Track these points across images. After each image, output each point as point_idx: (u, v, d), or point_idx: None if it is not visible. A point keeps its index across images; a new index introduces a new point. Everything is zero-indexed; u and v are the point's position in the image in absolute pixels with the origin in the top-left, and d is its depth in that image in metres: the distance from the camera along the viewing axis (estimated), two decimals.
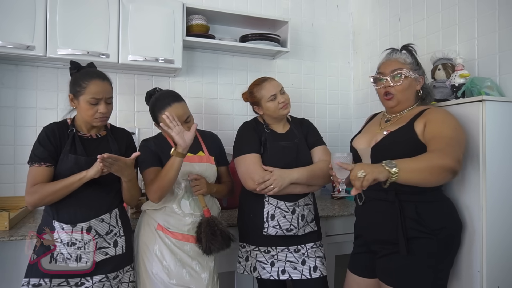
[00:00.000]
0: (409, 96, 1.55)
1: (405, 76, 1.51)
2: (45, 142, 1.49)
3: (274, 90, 1.77)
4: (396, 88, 1.52)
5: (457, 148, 1.32)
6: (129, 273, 1.62)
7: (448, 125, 1.39)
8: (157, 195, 1.58)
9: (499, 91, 1.77)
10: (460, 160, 1.30)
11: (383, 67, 1.58)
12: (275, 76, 1.97)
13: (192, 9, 2.34)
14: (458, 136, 1.37)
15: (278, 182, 1.64)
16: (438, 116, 1.43)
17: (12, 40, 1.90)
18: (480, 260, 1.49)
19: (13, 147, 2.21)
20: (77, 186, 1.44)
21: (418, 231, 1.40)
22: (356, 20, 3.05)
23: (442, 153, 1.28)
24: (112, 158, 1.40)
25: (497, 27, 1.86)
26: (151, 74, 2.48)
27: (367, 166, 1.24)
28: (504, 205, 1.54)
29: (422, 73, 1.58)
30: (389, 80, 1.53)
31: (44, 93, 2.27)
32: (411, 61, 1.56)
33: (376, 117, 1.73)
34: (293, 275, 1.72)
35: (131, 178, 1.53)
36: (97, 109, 1.51)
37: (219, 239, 1.60)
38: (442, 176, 1.28)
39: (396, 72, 1.52)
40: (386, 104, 1.58)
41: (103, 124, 1.58)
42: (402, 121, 1.51)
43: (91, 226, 1.49)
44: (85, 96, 1.50)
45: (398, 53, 1.59)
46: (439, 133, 1.37)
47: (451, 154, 1.28)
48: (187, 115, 1.67)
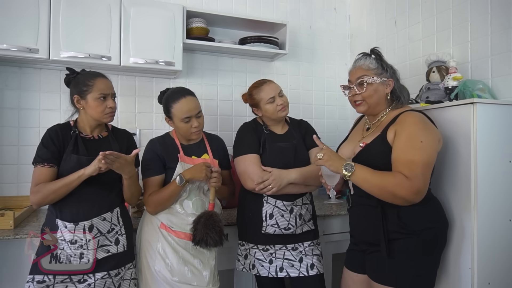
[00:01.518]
0: (378, 100, 1.55)
1: (367, 83, 1.52)
2: (48, 143, 1.54)
3: (273, 93, 1.81)
4: (363, 95, 1.54)
5: (419, 176, 1.34)
6: (131, 271, 1.66)
7: (412, 144, 1.38)
8: (155, 211, 1.69)
9: (491, 93, 1.81)
10: (419, 191, 1.34)
11: (350, 75, 1.60)
12: (274, 78, 2.01)
13: (192, 12, 2.38)
14: (423, 158, 1.36)
15: (276, 182, 1.69)
16: (407, 129, 1.41)
17: (16, 43, 1.94)
18: (471, 258, 1.53)
19: (17, 147, 2.25)
20: (76, 184, 1.48)
21: (399, 233, 1.45)
22: (353, 22, 3.10)
23: (401, 182, 1.33)
24: (113, 155, 1.46)
25: (489, 31, 1.90)
26: (152, 76, 2.53)
27: (330, 156, 1.46)
28: (494, 205, 1.58)
29: (390, 76, 1.55)
30: (355, 88, 1.56)
31: (47, 95, 2.31)
32: (375, 66, 1.54)
33: (360, 123, 1.74)
34: (291, 273, 1.76)
35: (131, 175, 1.58)
36: (106, 104, 1.58)
37: (214, 236, 1.61)
38: (391, 200, 1.39)
39: (359, 80, 1.54)
40: (358, 110, 1.60)
41: (111, 120, 1.63)
42: (378, 130, 1.53)
43: (93, 224, 1.54)
44: (94, 93, 1.56)
45: (362, 59, 1.57)
46: (403, 155, 1.38)
47: (411, 187, 1.33)
48: (198, 109, 1.73)
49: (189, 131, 1.72)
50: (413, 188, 1.33)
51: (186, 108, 1.69)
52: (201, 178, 1.63)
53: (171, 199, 1.66)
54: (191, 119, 1.70)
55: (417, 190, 1.34)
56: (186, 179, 1.62)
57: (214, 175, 1.67)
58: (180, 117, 1.69)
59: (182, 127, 1.71)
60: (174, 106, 1.70)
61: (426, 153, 1.38)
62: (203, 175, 1.63)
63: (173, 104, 1.71)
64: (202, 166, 1.65)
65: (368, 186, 1.41)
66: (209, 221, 1.62)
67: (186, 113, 1.68)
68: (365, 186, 1.41)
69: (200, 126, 1.74)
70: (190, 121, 1.70)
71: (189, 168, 1.67)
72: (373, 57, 1.56)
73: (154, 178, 1.70)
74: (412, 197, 1.35)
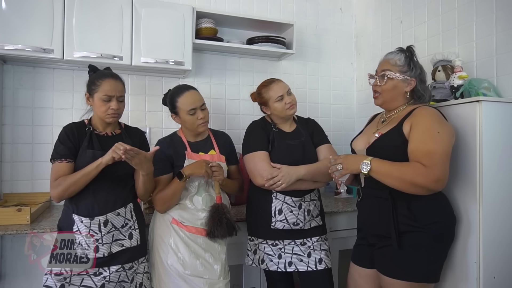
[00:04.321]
0: (395, 96, 1.60)
1: (388, 77, 1.58)
2: (65, 140, 1.59)
3: (281, 91, 1.85)
4: (382, 87, 1.60)
5: (438, 165, 1.36)
6: (144, 264, 1.70)
7: (431, 135, 1.40)
8: (163, 209, 1.74)
9: (496, 92, 1.83)
10: (439, 179, 1.36)
11: (378, 66, 1.66)
12: (281, 77, 2.05)
13: (201, 13, 2.42)
14: (441, 148, 1.38)
15: (286, 178, 1.72)
16: (424, 121, 1.44)
17: (31, 44, 1.99)
18: (477, 252, 1.56)
19: (31, 145, 2.30)
20: (95, 174, 1.53)
21: (409, 226, 1.48)
22: (359, 22, 3.13)
23: (419, 171, 1.36)
24: (133, 151, 1.50)
25: (494, 31, 1.93)
26: (162, 76, 2.58)
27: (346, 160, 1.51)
28: (499, 201, 1.60)
29: (414, 76, 1.58)
30: (377, 80, 1.62)
31: (60, 94, 2.36)
32: (402, 63, 1.58)
33: (376, 118, 1.79)
34: (299, 267, 1.80)
35: (149, 172, 1.61)
36: (109, 105, 1.62)
37: (224, 227, 1.69)
38: (413, 190, 1.41)
39: (382, 72, 1.60)
40: (375, 102, 1.67)
41: (114, 120, 1.68)
42: (394, 122, 1.57)
43: (108, 219, 1.58)
44: (99, 93, 1.61)
45: (393, 54, 1.63)
46: (421, 146, 1.40)
47: (429, 175, 1.35)
48: (202, 102, 1.80)
49: (195, 123, 1.77)
50: (432, 176, 1.35)
51: (191, 100, 1.75)
52: (201, 173, 1.68)
53: (175, 196, 1.70)
54: (196, 111, 1.75)
55: (437, 178, 1.36)
56: (185, 174, 1.67)
57: (214, 169, 1.71)
58: (185, 110, 1.75)
59: (188, 120, 1.76)
60: (179, 100, 1.76)
61: (444, 143, 1.41)
62: (203, 171, 1.67)
63: (177, 99, 1.77)
64: (202, 162, 1.70)
65: (386, 178, 1.43)
66: (216, 214, 1.69)
67: (191, 105, 1.74)
68: (383, 178, 1.44)
69: (206, 117, 1.79)
70: (196, 113, 1.75)
71: (189, 164, 1.72)
72: (405, 54, 1.60)
73: (162, 177, 1.75)
74: (433, 185, 1.37)
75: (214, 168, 1.71)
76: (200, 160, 1.73)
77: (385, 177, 1.44)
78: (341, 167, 1.52)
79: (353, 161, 1.50)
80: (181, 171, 1.68)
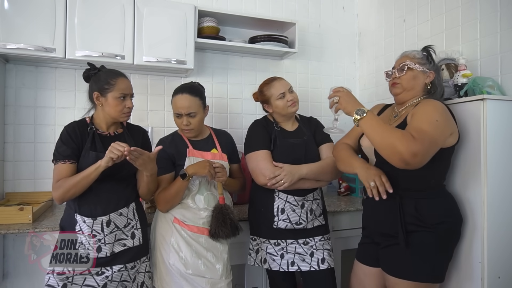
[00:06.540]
0: (415, 86, 1.60)
1: (408, 67, 1.59)
2: (67, 140, 1.57)
3: (283, 89, 1.84)
4: (401, 77, 1.60)
5: (425, 143, 1.31)
6: (146, 264, 1.70)
7: (428, 119, 1.39)
8: (165, 208, 1.73)
9: (501, 90, 1.82)
10: (418, 154, 1.29)
11: (396, 62, 1.67)
12: (283, 76, 2.04)
13: (203, 11, 2.42)
14: (434, 132, 1.35)
15: (288, 177, 1.72)
16: (425, 109, 1.44)
17: (33, 43, 1.99)
18: (482, 252, 1.55)
19: (33, 144, 2.30)
20: (95, 176, 1.51)
21: (416, 225, 1.47)
22: (361, 21, 3.12)
23: (405, 138, 1.30)
24: (137, 151, 1.49)
25: (498, 29, 1.91)
26: (164, 75, 2.57)
27: (346, 97, 1.49)
28: (504, 200, 1.59)
29: (432, 69, 1.61)
30: (395, 73, 1.63)
31: (62, 93, 2.36)
32: (421, 56, 1.62)
33: (386, 112, 1.76)
34: (302, 267, 1.79)
35: (152, 173, 1.61)
36: (124, 104, 1.62)
37: (228, 227, 1.68)
38: (388, 154, 1.34)
39: (401, 64, 1.61)
40: (392, 91, 1.66)
41: (127, 119, 1.69)
42: (403, 116, 1.56)
43: (110, 219, 1.58)
44: (114, 92, 1.60)
45: (410, 51, 1.67)
46: (416, 123, 1.39)
47: (411, 145, 1.28)
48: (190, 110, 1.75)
49: (180, 127, 1.79)
50: (414, 147, 1.28)
51: (179, 104, 1.75)
52: (204, 173, 1.67)
53: (178, 195, 1.70)
54: (182, 116, 1.75)
55: (417, 152, 1.29)
56: (189, 174, 1.66)
57: (217, 170, 1.70)
58: (173, 111, 1.78)
59: (176, 121, 1.79)
60: (172, 99, 1.79)
61: (438, 130, 1.37)
62: (206, 171, 1.66)
63: (172, 98, 1.79)
64: (205, 162, 1.69)
65: (372, 133, 1.38)
66: (219, 215, 1.69)
67: (176, 109, 1.76)
68: (369, 133, 1.40)
69: (191, 126, 1.75)
70: (181, 118, 1.75)
71: (193, 164, 1.71)
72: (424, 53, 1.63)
73: (164, 177, 1.75)
74: (409, 156, 1.29)
75: (217, 169, 1.70)
76: (203, 160, 1.72)
77: (371, 131, 1.38)
78: (337, 100, 1.50)
79: (352, 102, 1.47)
80: (184, 170, 1.67)
